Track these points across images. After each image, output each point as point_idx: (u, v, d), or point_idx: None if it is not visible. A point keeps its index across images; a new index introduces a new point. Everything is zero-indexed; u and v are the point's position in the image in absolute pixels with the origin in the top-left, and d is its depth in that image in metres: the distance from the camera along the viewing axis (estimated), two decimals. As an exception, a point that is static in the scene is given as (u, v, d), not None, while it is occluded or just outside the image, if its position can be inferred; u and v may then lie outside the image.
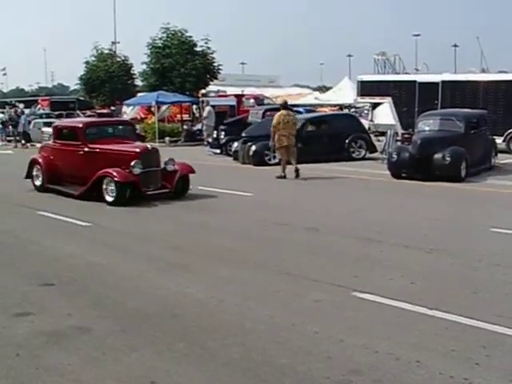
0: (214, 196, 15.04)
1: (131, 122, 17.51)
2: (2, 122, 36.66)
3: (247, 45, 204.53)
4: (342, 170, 19.61)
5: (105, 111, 41.94)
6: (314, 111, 38.81)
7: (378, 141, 24.81)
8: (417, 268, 8.44)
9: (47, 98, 50.90)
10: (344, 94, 47.85)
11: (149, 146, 15.37)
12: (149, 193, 14.08)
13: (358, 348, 5.76)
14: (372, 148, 23.56)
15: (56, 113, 40.73)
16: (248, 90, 50.06)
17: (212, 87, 45.80)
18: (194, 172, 15.08)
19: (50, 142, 16.90)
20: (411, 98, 27.50)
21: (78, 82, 49.18)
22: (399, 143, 21.46)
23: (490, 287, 7.66)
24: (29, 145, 33.43)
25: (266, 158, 21.51)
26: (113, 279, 8.16)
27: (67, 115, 40.25)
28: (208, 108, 30.27)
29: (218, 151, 25.60)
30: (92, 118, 22.12)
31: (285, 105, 19.22)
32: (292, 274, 8.23)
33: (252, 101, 38.81)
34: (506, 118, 25.13)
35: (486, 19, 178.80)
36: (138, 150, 14.46)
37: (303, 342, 5.91)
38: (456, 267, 8.54)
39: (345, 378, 5.16)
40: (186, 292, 7.51)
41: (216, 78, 43.24)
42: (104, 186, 13.86)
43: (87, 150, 14.81)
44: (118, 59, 47.90)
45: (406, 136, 21.78)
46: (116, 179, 13.61)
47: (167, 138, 32.51)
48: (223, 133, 25.97)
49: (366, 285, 7.63)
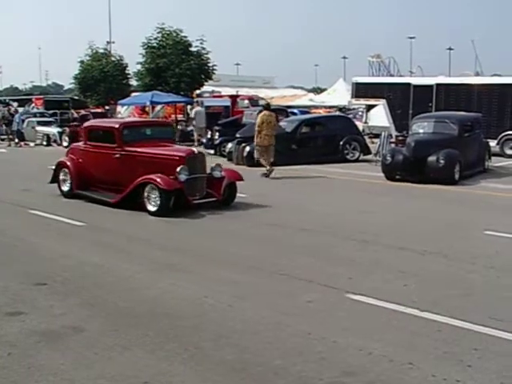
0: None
1: (170, 123, 16.34)
2: (-4, 121, 36.56)
3: (242, 46, 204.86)
4: (336, 172, 19.62)
5: (99, 111, 41.81)
6: (309, 113, 38.85)
7: (372, 143, 24.86)
8: (410, 270, 8.45)
9: (41, 96, 50.74)
10: (338, 95, 47.93)
11: (195, 149, 13.81)
12: (195, 202, 12.90)
13: (351, 349, 5.76)
14: (366, 150, 23.58)
15: (50, 112, 40.63)
16: (243, 91, 50.10)
17: (207, 88, 45.79)
18: (242, 179, 13.69)
19: (80, 144, 15.29)
20: (405, 101, 27.56)
21: (73, 82, 49.07)
22: (393, 145, 21.48)
23: (483, 289, 7.67)
24: (22, 143, 33.37)
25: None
26: (105, 279, 8.13)
27: (61, 114, 40.23)
28: (197, 109, 30.19)
29: (212, 152, 25.50)
30: (129, 119, 20.32)
31: (267, 106, 20.33)
32: (285, 275, 8.23)
33: (246, 102, 38.83)
34: (500, 121, 25.21)
35: (481, 23, 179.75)
36: (183, 155, 13.04)
37: (296, 343, 5.91)
38: (449, 269, 8.56)
39: (338, 379, 5.16)
40: (178, 292, 7.50)
41: (211, 79, 43.25)
42: (145, 194, 12.53)
43: (124, 153, 13.50)
44: (113, 59, 47.80)
45: (400, 138, 21.82)
46: (161, 186, 12.26)
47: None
48: (217, 133, 25.94)
49: (359, 286, 7.63)
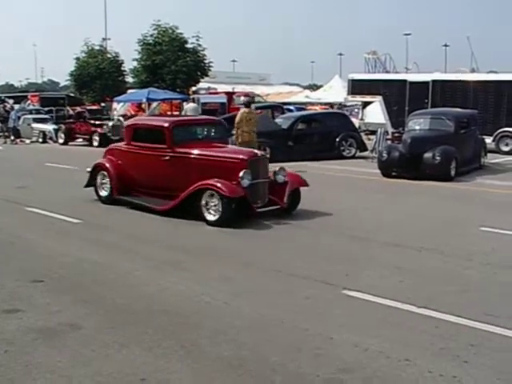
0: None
1: (222, 121, 14.45)
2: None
3: (238, 43, 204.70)
4: (332, 169, 19.65)
5: (95, 107, 41.77)
6: (305, 109, 38.85)
7: (369, 139, 24.88)
8: (406, 266, 8.48)
9: (37, 93, 50.58)
10: (334, 92, 47.95)
11: (258, 151, 12.28)
12: (259, 210, 11.56)
13: (348, 345, 5.78)
14: (362, 147, 23.61)
15: (46, 109, 40.57)
16: (239, 88, 50.07)
17: (203, 84, 45.75)
18: (306, 185, 12.43)
19: (122, 144, 13.90)
20: (402, 97, 27.62)
21: (69, 78, 49.01)
22: (389, 142, 21.51)
23: (480, 286, 7.70)
24: (18, 141, 33.31)
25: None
26: (103, 276, 8.13)
27: (57, 111, 40.16)
28: (192, 105, 30.09)
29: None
30: (179, 117, 16.93)
31: (247, 103, 20.34)
32: (282, 272, 8.24)
33: (242, 98, 38.64)
34: (496, 117, 25.26)
35: (477, 19, 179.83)
36: (245, 157, 11.62)
37: (293, 340, 5.93)
38: (445, 266, 8.58)
39: (334, 375, 5.18)
40: (176, 289, 7.50)
41: (207, 75, 43.24)
42: (203, 202, 11.25)
43: (175, 155, 12.16)
44: (109, 56, 47.73)
45: (397, 135, 21.84)
46: (223, 193, 10.94)
47: (157, 135, 32.38)
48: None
49: (355, 283, 7.66)
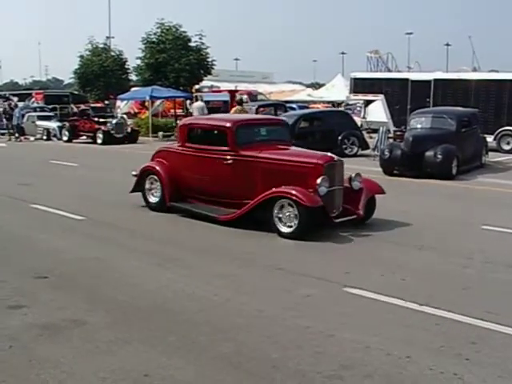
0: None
1: (286, 122, 13.35)
2: (-4, 116, 36.58)
3: (241, 41, 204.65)
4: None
5: (99, 105, 41.85)
6: (307, 108, 38.85)
7: (371, 138, 24.85)
8: (407, 264, 8.51)
9: (41, 91, 50.73)
10: (337, 91, 47.89)
11: (333, 155, 10.88)
12: (336, 221, 10.44)
13: (349, 343, 5.81)
14: (364, 145, 23.62)
15: (50, 106, 40.66)
16: (241, 86, 50.11)
17: (206, 83, 45.82)
18: (383, 192, 11.35)
19: (174, 146, 12.66)
20: (403, 96, 27.64)
21: (73, 76, 49.10)
22: (391, 140, 21.53)
23: (480, 284, 7.73)
24: (23, 138, 33.38)
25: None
26: (106, 273, 8.18)
27: (61, 109, 40.24)
28: (198, 103, 30.12)
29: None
30: (241, 115, 14.89)
31: (240, 101, 21.47)
32: (283, 269, 8.28)
33: (245, 97, 38.84)
34: (497, 116, 25.27)
35: (479, 19, 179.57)
36: (321, 162, 10.43)
37: (294, 337, 5.96)
38: (446, 264, 8.61)
39: (335, 372, 5.21)
40: (177, 286, 7.54)
41: (210, 74, 43.25)
42: (275, 211, 10.15)
43: (238, 158, 10.98)
44: (113, 54, 47.80)
45: (398, 133, 21.89)
46: (302, 203, 9.80)
47: (160, 133, 32.49)
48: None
49: (357, 280, 7.69)
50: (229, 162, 11.02)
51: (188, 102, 38.30)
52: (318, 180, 10.09)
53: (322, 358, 5.50)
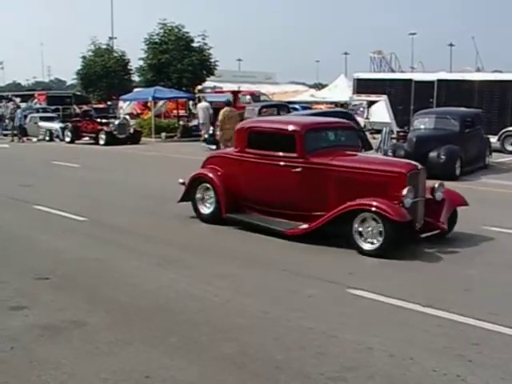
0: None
1: (355, 126, 12.13)
2: (-1, 116, 36.67)
3: (244, 42, 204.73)
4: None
5: (101, 106, 41.89)
6: (310, 108, 38.83)
7: (374, 138, 24.82)
8: (410, 265, 8.48)
9: (44, 92, 50.77)
10: (340, 91, 47.92)
11: (416, 163, 9.92)
12: (422, 235, 9.51)
13: (352, 344, 5.78)
14: (367, 145, 23.52)
15: (52, 107, 40.72)
16: (244, 87, 50.09)
17: (208, 83, 45.81)
18: (466, 204, 10.59)
19: (231, 151, 11.46)
20: (407, 97, 27.62)
21: (75, 77, 49.15)
22: (394, 141, 21.52)
23: (482, 285, 7.70)
24: (25, 139, 33.41)
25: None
26: (107, 274, 8.16)
27: (64, 109, 40.28)
28: (204, 104, 30.14)
29: (214, 147, 25.57)
30: (308, 119, 12.91)
31: (228, 102, 22.46)
32: (286, 270, 8.26)
33: (248, 97, 38.86)
34: (501, 117, 25.22)
35: (482, 19, 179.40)
36: (403, 171, 9.40)
37: (297, 338, 5.94)
38: (449, 265, 8.58)
39: (338, 374, 5.18)
40: (178, 287, 7.52)
41: (212, 74, 43.27)
42: (355, 226, 9.16)
43: (308, 165, 9.94)
44: (115, 54, 47.84)
45: (402, 134, 21.88)
46: (390, 216, 8.80)
47: (163, 134, 32.50)
48: (219, 129, 25.97)
49: (360, 281, 7.66)
50: (297, 170, 9.95)
51: (191, 102, 38.34)
52: (404, 191, 9.07)
53: (324, 359, 5.48)
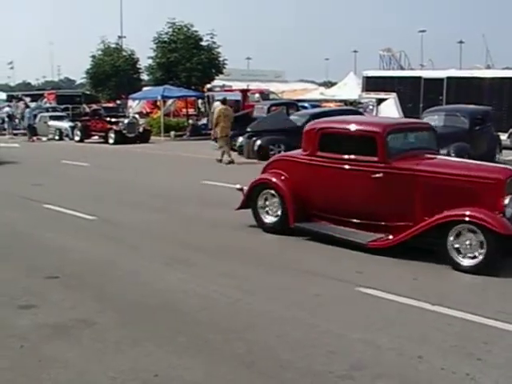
0: (218, 190, 15.05)
1: (432, 126, 10.93)
2: (9, 116, 36.77)
3: (253, 40, 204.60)
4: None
5: (110, 105, 41.99)
6: (320, 106, 38.77)
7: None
8: (419, 264, 8.42)
9: (53, 91, 50.94)
10: (349, 89, 47.79)
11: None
12: None
13: (361, 343, 5.77)
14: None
15: (62, 106, 40.85)
16: (253, 85, 50.04)
17: (217, 82, 45.80)
18: None
19: (299, 154, 10.27)
20: (416, 94, 27.52)
21: (85, 76, 49.22)
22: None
23: (492, 284, 7.66)
24: (35, 138, 33.53)
25: (271, 153, 21.52)
26: (116, 273, 8.18)
27: (73, 109, 40.39)
28: (216, 103, 30.19)
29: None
30: (387, 119, 11.82)
31: (224, 101, 22.90)
32: (295, 269, 8.26)
33: (257, 96, 38.81)
34: (511, 114, 25.09)
35: (492, 16, 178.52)
36: (502, 177, 8.46)
37: (305, 337, 5.93)
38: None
39: (347, 372, 5.18)
40: (187, 286, 7.52)
41: (221, 73, 43.24)
42: (450, 239, 8.23)
43: (390, 171, 8.99)
44: (124, 53, 47.89)
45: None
46: (495, 229, 7.89)
47: (172, 133, 32.56)
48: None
49: (369, 280, 7.64)
50: (378, 175, 9.03)
51: (200, 101, 38.36)
52: (506, 200, 8.20)
53: (333, 357, 5.47)
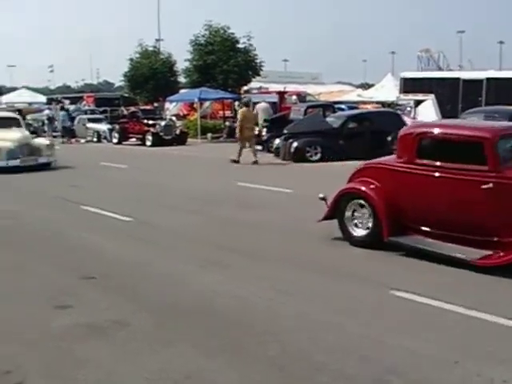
0: (254, 192, 15.07)
1: None
2: (49, 118, 37.32)
3: (290, 42, 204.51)
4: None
5: (148, 107, 42.34)
6: (357, 108, 38.57)
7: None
8: (454, 267, 8.27)
9: (92, 94, 51.63)
10: (387, 91, 47.46)
11: None
12: None
13: (395, 348, 5.69)
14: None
15: (101, 109, 41.30)
16: (290, 87, 49.98)
17: (254, 84, 45.84)
18: None
19: (394, 161, 9.34)
20: (455, 95, 27.22)
21: (123, 79, 49.70)
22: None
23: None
24: (74, 140, 33.98)
25: (308, 155, 21.55)
26: (151, 274, 8.21)
27: (111, 111, 40.83)
28: (263, 104, 30.22)
29: (260, 148, 25.65)
30: (495, 123, 10.58)
31: (247, 103, 24.16)
32: (329, 271, 8.20)
33: (294, 97, 38.70)
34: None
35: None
36: None
37: (339, 340, 5.88)
38: (494, 269, 8.31)
39: (381, 377, 5.11)
40: (221, 288, 7.52)
41: (258, 75, 43.26)
42: None
43: (502, 181, 8.03)
44: (162, 56, 48.23)
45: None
46: None
47: (209, 135, 32.70)
48: (265, 129, 26.05)
49: (403, 283, 7.54)
50: (488, 186, 8.07)
51: (236, 103, 38.44)
52: None
53: (366, 361, 5.39)
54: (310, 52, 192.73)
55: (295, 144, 21.70)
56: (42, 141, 22.42)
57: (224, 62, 39.67)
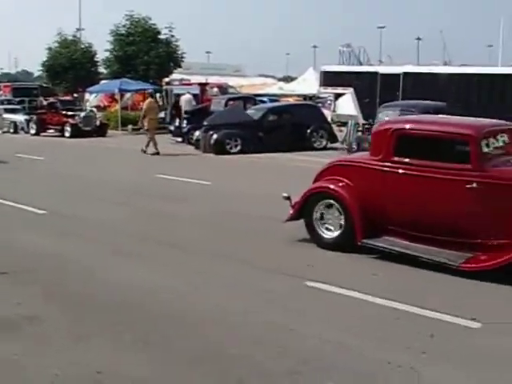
0: (176, 184, 14.99)
1: None
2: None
3: (213, 34, 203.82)
4: (302, 160, 19.62)
5: (67, 98, 41.45)
6: (279, 101, 38.83)
7: (340, 131, 24.95)
8: (378, 261, 8.42)
9: (9, 84, 50.09)
10: (308, 84, 47.96)
11: None
12: None
13: (310, 338, 5.77)
14: (333, 138, 23.70)
15: (18, 99, 40.21)
16: (213, 79, 49.87)
17: (176, 75, 45.55)
18: None
19: (368, 159, 8.77)
20: (373, 89, 27.81)
21: (41, 69, 48.51)
22: (360, 133, 21.61)
23: (442, 279, 7.70)
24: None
25: (228, 147, 21.60)
26: (65, 268, 8.04)
27: (30, 102, 39.79)
28: (187, 96, 29.99)
29: (180, 139, 25.56)
30: (478, 120, 9.26)
31: (153, 94, 25.96)
32: (246, 263, 8.24)
33: (216, 90, 38.60)
34: (465, 110, 25.28)
35: (450, 13, 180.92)
36: None
37: (255, 332, 5.93)
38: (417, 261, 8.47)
39: (296, 368, 5.17)
40: (137, 281, 7.45)
41: (180, 66, 43.07)
42: None
43: (486, 180, 7.66)
44: (82, 46, 47.31)
45: (367, 126, 21.97)
46: None
47: (130, 126, 32.30)
48: (185, 121, 25.92)
49: (318, 274, 7.65)
50: (471, 186, 7.66)
51: (158, 95, 38.09)
52: None
53: (282, 352, 5.44)
54: (233, 45, 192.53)
55: (215, 136, 21.70)
56: None
57: (145, 52, 39.32)
